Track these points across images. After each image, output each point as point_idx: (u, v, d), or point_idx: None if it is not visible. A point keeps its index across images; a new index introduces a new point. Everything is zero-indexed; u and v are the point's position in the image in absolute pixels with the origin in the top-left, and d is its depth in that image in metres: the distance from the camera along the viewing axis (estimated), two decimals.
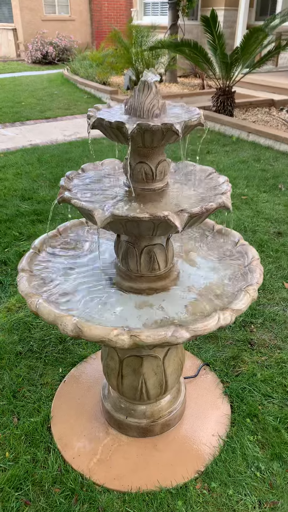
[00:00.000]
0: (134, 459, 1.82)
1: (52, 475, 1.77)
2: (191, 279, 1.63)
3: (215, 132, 6.52)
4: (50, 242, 1.78)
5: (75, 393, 2.13)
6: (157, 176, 1.43)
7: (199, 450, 1.85)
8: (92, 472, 1.77)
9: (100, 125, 1.29)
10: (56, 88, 10.35)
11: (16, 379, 2.23)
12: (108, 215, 1.26)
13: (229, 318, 1.34)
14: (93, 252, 1.80)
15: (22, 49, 16.35)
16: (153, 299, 1.52)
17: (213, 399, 2.09)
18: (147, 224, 1.28)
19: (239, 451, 1.84)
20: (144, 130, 1.23)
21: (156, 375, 1.73)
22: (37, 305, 1.38)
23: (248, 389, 2.14)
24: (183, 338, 1.26)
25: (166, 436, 1.92)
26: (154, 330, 1.26)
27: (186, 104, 1.45)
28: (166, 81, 10.22)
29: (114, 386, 1.82)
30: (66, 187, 1.45)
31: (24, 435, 1.93)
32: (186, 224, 1.29)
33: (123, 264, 1.60)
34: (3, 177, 4.92)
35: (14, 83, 11.19)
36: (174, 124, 1.22)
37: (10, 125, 7.44)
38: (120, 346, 1.26)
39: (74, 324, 1.29)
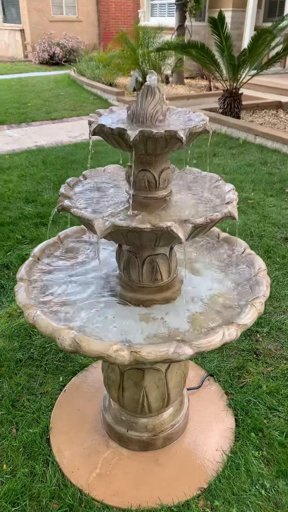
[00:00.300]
0: (134, 474, 1.77)
1: (50, 489, 1.72)
2: (195, 290, 1.57)
3: (221, 134, 6.46)
4: (51, 249, 1.73)
5: (76, 403, 2.08)
6: (160, 184, 1.38)
7: (202, 466, 1.79)
8: (91, 487, 1.72)
9: (101, 131, 1.24)
10: (63, 89, 10.34)
11: (16, 387, 2.19)
12: (108, 225, 1.21)
13: (234, 334, 1.28)
14: (95, 260, 1.75)
15: (29, 50, 16.39)
16: (155, 311, 1.47)
17: (217, 412, 2.03)
18: (149, 235, 1.23)
19: (243, 468, 1.78)
20: (147, 138, 1.18)
21: (158, 388, 1.68)
22: (34, 317, 1.33)
23: (253, 401, 2.08)
24: (185, 355, 1.21)
25: (168, 450, 1.86)
26: (155, 346, 1.21)
27: (193, 105, 1.39)
28: (173, 82, 10.17)
29: (115, 398, 1.76)
30: (66, 195, 1.40)
31: (22, 446, 1.89)
32: (190, 235, 1.24)
33: (124, 274, 1.54)
34: (7, 179, 4.89)
35: (21, 84, 11.20)
36: (178, 131, 1.17)
37: (16, 126, 7.43)
38: (120, 362, 1.21)
39: (72, 339, 1.24)
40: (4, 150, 6.08)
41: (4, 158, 5.67)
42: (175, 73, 10.04)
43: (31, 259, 1.63)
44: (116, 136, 1.20)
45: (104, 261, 1.73)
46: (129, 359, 1.21)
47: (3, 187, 4.65)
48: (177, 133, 1.17)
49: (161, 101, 1.27)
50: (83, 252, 1.77)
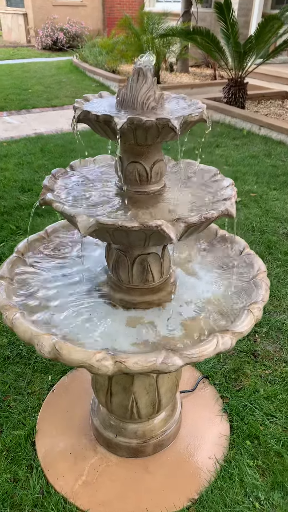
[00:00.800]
0: (122, 482, 1.68)
1: (33, 497, 1.63)
2: (189, 292, 1.46)
3: (225, 124, 6.29)
4: (36, 245, 1.62)
5: (64, 405, 1.99)
6: (152, 178, 1.26)
7: (194, 475, 1.70)
8: (76, 496, 1.63)
9: (87, 118, 1.12)
10: (65, 75, 10.13)
11: (2, 386, 2.10)
12: (92, 223, 1.09)
13: (229, 343, 1.18)
14: (85, 257, 1.64)
15: (32, 35, 16.09)
16: (146, 314, 1.37)
17: (211, 417, 1.94)
18: (138, 234, 1.12)
19: (237, 478, 1.69)
20: (136, 126, 1.06)
21: (148, 394, 1.58)
22: (13, 320, 1.23)
23: (249, 406, 1.98)
24: (175, 366, 1.10)
25: (159, 457, 1.77)
26: (142, 356, 1.11)
27: (197, 95, 1.27)
28: (177, 70, 9.94)
29: (103, 403, 1.67)
30: (49, 188, 1.29)
31: (6, 450, 1.80)
32: (183, 235, 1.12)
33: (114, 274, 1.44)
34: (4, 167, 4.77)
35: (23, 70, 10.99)
36: (171, 119, 1.05)
37: (16, 113, 7.27)
38: (103, 373, 1.10)
39: (52, 345, 1.14)
40: (3, 137, 5.94)
41: (1, 145, 5.54)
42: (179, 61, 9.81)
43: (14, 255, 1.53)
44: (102, 123, 1.08)
45: (95, 259, 1.62)
46: (113, 370, 1.10)
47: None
48: (170, 122, 1.05)
49: (154, 86, 1.15)
50: (72, 248, 1.66)
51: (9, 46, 16.03)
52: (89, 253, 1.67)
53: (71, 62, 11.68)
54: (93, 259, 1.63)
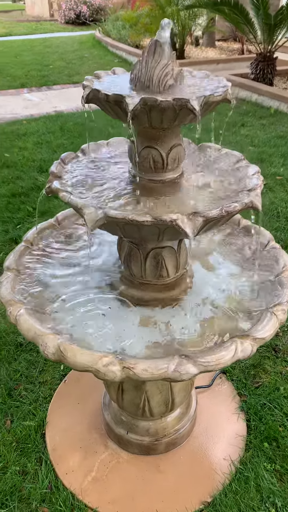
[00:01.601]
0: (133, 480, 1.63)
1: (41, 492, 1.59)
2: (207, 289, 1.35)
3: (251, 102, 6.01)
4: (46, 233, 1.54)
5: (75, 396, 1.94)
6: (168, 165, 1.14)
7: (207, 476, 1.63)
8: (85, 492, 1.59)
9: (96, 98, 1.00)
10: (87, 50, 9.89)
11: (14, 374, 2.06)
12: (100, 216, 0.99)
13: (249, 349, 1.07)
14: (97, 247, 1.55)
15: (55, 8, 15.75)
16: (159, 313, 1.27)
17: (228, 415, 1.85)
18: (151, 229, 1.01)
19: (253, 482, 1.61)
20: (150, 107, 0.94)
21: (161, 393, 1.50)
22: (17, 316, 1.15)
23: (268, 406, 1.88)
24: (188, 374, 1.01)
25: (171, 456, 1.70)
26: (153, 362, 1.02)
27: (223, 70, 1.13)
28: (203, 44, 9.56)
29: (114, 399, 1.60)
30: (57, 175, 1.18)
31: (15, 441, 1.76)
32: (200, 230, 1.01)
33: (126, 268, 1.34)
34: (23, 146, 4.68)
35: (45, 45, 10.79)
36: (191, 100, 0.92)
37: (37, 90, 7.15)
38: (110, 379, 1.02)
39: (56, 346, 1.06)
40: (23, 115, 5.85)
41: (21, 123, 5.45)
42: (206, 35, 9.41)
43: (22, 245, 1.44)
44: (112, 104, 0.96)
45: (110, 249, 1.52)
46: (120, 376, 1.02)
47: (17, 154, 4.45)
48: (189, 103, 0.92)
49: (172, 61, 1.02)
50: (83, 237, 1.57)
51: (32, 20, 15.77)
52: (105, 241, 1.57)
53: (93, 36, 11.39)
54: (108, 249, 1.53)
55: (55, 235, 1.53)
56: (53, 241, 1.50)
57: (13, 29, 13.48)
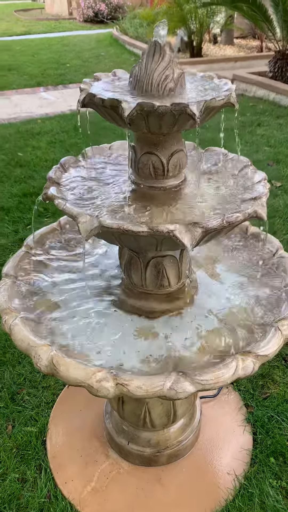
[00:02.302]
0: (133, 493, 1.58)
1: (39, 501, 1.57)
2: (211, 300, 1.30)
3: (268, 101, 5.88)
4: (47, 238, 1.50)
5: (78, 403, 1.91)
6: (169, 171, 1.09)
7: (210, 491, 1.58)
8: (84, 503, 1.55)
9: (92, 102, 0.96)
10: (104, 49, 9.87)
11: (18, 378, 2.04)
12: (95, 225, 0.95)
13: (250, 367, 1.01)
14: (100, 253, 1.51)
15: (74, 7, 15.78)
16: (159, 325, 1.22)
17: (233, 427, 1.79)
18: (147, 239, 0.97)
19: (257, 499, 1.55)
20: (148, 113, 0.89)
21: (162, 405, 1.46)
22: (11, 326, 1.12)
23: (276, 418, 1.82)
24: (185, 392, 0.96)
25: (173, 468, 1.66)
26: (148, 379, 0.97)
27: (240, 69, 1.07)
28: (221, 42, 9.43)
29: (115, 408, 1.56)
30: (54, 180, 1.15)
31: (15, 448, 1.74)
32: (200, 241, 0.96)
33: (126, 276, 1.30)
34: (36, 145, 4.69)
35: (62, 43, 10.81)
36: (190, 105, 0.87)
37: (53, 88, 7.16)
38: (102, 395, 0.98)
39: (50, 359, 1.02)
40: (38, 113, 5.86)
41: (36, 122, 5.46)
42: (224, 32, 9.29)
43: (22, 250, 1.42)
44: (108, 109, 0.92)
45: (110, 258, 1.48)
46: (114, 393, 0.98)
47: (30, 154, 4.45)
48: (188, 108, 0.87)
49: (173, 63, 0.97)
50: (88, 242, 1.53)
51: (51, 19, 15.84)
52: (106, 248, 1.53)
53: (111, 34, 11.36)
54: (110, 256, 1.49)
55: (57, 241, 1.49)
56: (54, 246, 1.47)
57: (32, 27, 13.57)
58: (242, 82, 6.13)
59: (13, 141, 4.78)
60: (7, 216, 3.34)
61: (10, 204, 3.49)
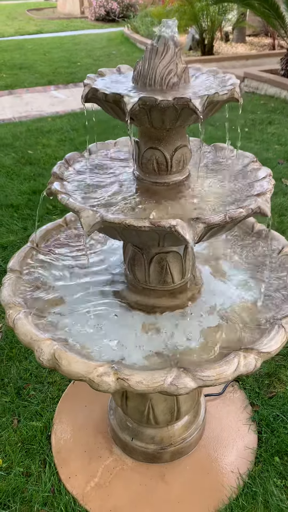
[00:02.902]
0: (136, 489, 1.59)
1: (43, 495, 1.58)
2: (215, 297, 1.30)
3: (280, 99, 5.83)
4: (53, 234, 1.51)
5: (83, 398, 1.91)
6: (173, 167, 1.09)
7: (213, 489, 1.57)
8: (87, 498, 1.56)
9: (95, 97, 0.96)
10: (115, 47, 9.87)
11: (24, 373, 2.05)
12: (97, 220, 0.95)
13: (252, 364, 1.01)
14: (105, 249, 1.51)
15: (86, 6, 15.82)
16: (162, 321, 1.22)
17: (238, 426, 1.78)
18: (150, 234, 0.97)
19: (261, 498, 1.54)
20: (150, 107, 0.89)
21: (165, 401, 1.46)
22: (15, 320, 1.13)
23: (281, 418, 1.80)
24: (186, 388, 0.96)
25: (177, 465, 1.65)
26: (148, 374, 0.97)
27: (252, 66, 1.07)
28: (233, 40, 9.37)
29: (119, 404, 1.56)
30: (58, 176, 1.15)
31: (21, 442, 1.76)
32: (202, 237, 0.96)
33: (130, 272, 1.30)
34: (46, 143, 4.71)
35: (74, 42, 10.85)
36: (192, 99, 0.87)
37: (63, 87, 7.19)
38: (103, 390, 0.98)
39: (52, 353, 1.03)
40: (48, 112, 5.89)
41: (46, 120, 5.49)
42: (236, 30, 9.23)
43: (27, 246, 1.42)
44: (111, 103, 0.92)
45: (115, 254, 1.48)
46: (114, 387, 0.98)
47: (41, 151, 4.48)
48: (191, 102, 0.87)
49: (177, 57, 0.97)
50: (92, 237, 1.53)
51: (63, 18, 15.89)
52: (111, 244, 1.54)
53: (122, 33, 11.36)
54: (115, 252, 1.50)
55: (62, 237, 1.50)
56: (59, 242, 1.48)
57: (44, 26, 13.62)
58: (253, 80, 6.09)
59: (24, 139, 4.81)
60: (16, 213, 3.37)
61: (20, 201, 3.52)
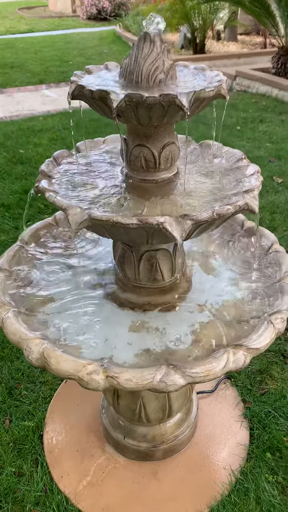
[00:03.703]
0: (129, 487, 1.59)
1: (35, 494, 1.57)
2: (204, 294, 1.30)
3: (271, 98, 5.85)
4: (43, 233, 1.50)
5: (75, 397, 1.91)
6: (161, 164, 1.09)
7: (206, 486, 1.58)
8: (79, 497, 1.56)
9: (81, 94, 0.96)
10: (107, 46, 9.85)
11: (16, 373, 2.04)
12: (85, 217, 0.95)
13: (241, 360, 1.01)
14: (95, 248, 1.51)
15: (77, 4, 15.76)
16: (152, 318, 1.22)
17: (230, 423, 1.79)
18: (138, 232, 0.96)
19: (253, 494, 1.55)
20: (136, 104, 0.88)
21: (157, 399, 1.46)
22: (3, 319, 1.12)
23: (273, 414, 1.81)
24: (175, 385, 0.96)
25: (169, 463, 1.66)
26: (138, 372, 0.97)
27: (244, 65, 1.07)
28: (225, 39, 9.38)
29: (110, 403, 1.56)
30: (46, 174, 1.15)
31: (12, 442, 1.75)
32: (190, 234, 0.96)
33: (120, 270, 1.30)
34: (38, 142, 4.69)
35: (65, 41, 10.80)
36: (178, 96, 0.87)
37: (55, 86, 7.15)
38: (93, 388, 0.98)
39: (41, 352, 1.03)
40: (40, 111, 5.86)
41: (38, 119, 5.46)
42: (227, 29, 9.23)
43: (17, 245, 1.42)
44: (97, 100, 0.92)
45: (105, 252, 1.48)
46: (104, 385, 0.98)
47: (32, 151, 4.46)
48: (177, 98, 0.87)
49: (163, 54, 0.96)
50: (81, 237, 1.53)
51: (55, 16, 15.80)
52: (102, 242, 1.53)
53: (114, 32, 11.34)
54: (105, 250, 1.49)
55: (51, 235, 1.49)
56: (49, 241, 1.47)
57: (35, 25, 13.54)
58: (245, 79, 6.10)
59: (15, 138, 4.79)
60: (7, 212, 3.35)
61: (11, 201, 3.50)
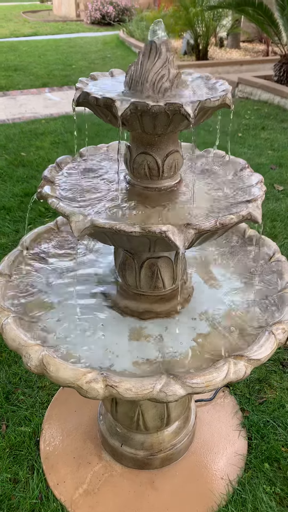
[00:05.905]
0: (125, 496, 1.57)
1: (31, 502, 1.56)
2: (206, 303, 1.29)
3: (273, 105, 5.87)
4: (44, 238, 1.50)
5: (73, 403, 1.90)
6: (164, 172, 1.08)
7: (203, 496, 1.56)
8: (75, 505, 1.54)
9: (86, 101, 0.95)
10: (110, 51, 9.89)
11: (13, 378, 2.03)
12: (87, 225, 0.94)
13: (242, 371, 1.00)
14: (95, 253, 1.50)
15: (81, 9, 15.85)
16: (152, 327, 1.21)
17: (228, 431, 1.78)
18: (140, 240, 0.96)
19: (250, 505, 1.54)
20: (142, 112, 0.88)
21: (156, 407, 1.44)
22: (3, 324, 1.12)
23: (271, 424, 1.80)
24: (175, 396, 0.95)
25: (167, 471, 1.64)
26: (137, 382, 0.96)
27: (246, 72, 1.07)
28: (228, 46, 9.43)
29: (108, 410, 1.55)
30: (49, 179, 1.14)
31: (8, 448, 1.73)
32: (193, 243, 0.95)
33: (120, 277, 1.29)
34: (40, 145, 4.70)
35: (69, 45, 10.86)
36: (184, 105, 0.86)
37: (58, 89, 7.18)
38: (92, 396, 0.97)
39: (40, 359, 1.02)
40: (42, 114, 5.88)
41: (40, 122, 5.47)
42: (230, 36, 9.29)
43: (18, 249, 1.41)
44: (102, 108, 0.91)
45: (106, 259, 1.47)
46: (103, 394, 0.97)
47: (34, 154, 4.46)
48: (182, 108, 0.86)
49: (169, 63, 0.96)
50: (82, 242, 1.52)
51: (59, 20, 15.91)
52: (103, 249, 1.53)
53: (117, 37, 11.40)
54: (106, 257, 1.49)
55: (53, 240, 1.49)
56: (50, 246, 1.46)
57: (40, 29, 13.63)
58: (247, 86, 6.12)
59: (17, 141, 4.79)
60: (8, 215, 3.35)
61: (12, 204, 3.50)
